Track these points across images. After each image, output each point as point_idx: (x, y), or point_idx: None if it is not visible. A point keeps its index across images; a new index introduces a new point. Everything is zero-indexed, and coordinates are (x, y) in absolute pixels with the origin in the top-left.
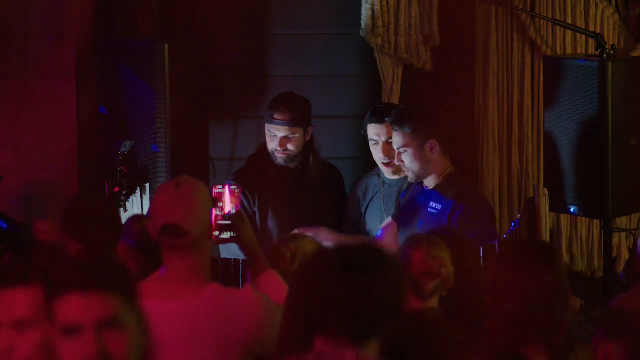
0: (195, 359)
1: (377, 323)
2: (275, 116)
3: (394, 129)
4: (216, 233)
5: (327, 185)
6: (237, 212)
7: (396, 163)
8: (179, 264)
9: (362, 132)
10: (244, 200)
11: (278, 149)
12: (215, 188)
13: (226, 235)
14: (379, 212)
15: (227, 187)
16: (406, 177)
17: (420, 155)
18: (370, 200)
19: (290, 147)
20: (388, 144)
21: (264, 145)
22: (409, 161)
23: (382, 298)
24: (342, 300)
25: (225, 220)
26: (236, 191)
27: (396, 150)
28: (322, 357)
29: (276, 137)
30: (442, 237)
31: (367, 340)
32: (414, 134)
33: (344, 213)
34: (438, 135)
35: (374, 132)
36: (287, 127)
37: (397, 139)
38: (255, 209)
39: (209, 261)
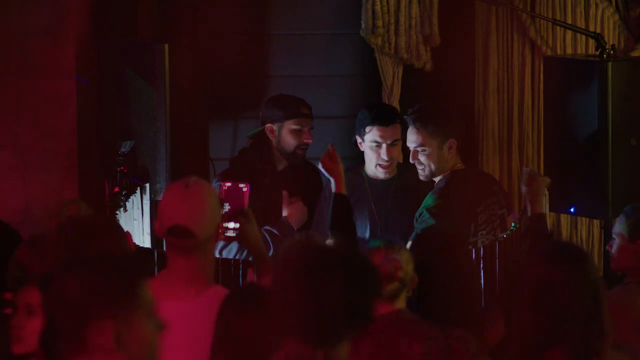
0: None
1: (342, 325)
2: (303, 110)
3: (415, 127)
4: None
5: (310, 182)
6: (244, 210)
7: (411, 161)
8: (182, 265)
9: (356, 136)
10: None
11: (309, 141)
12: (224, 185)
13: (231, 233)
14: (369, 214)
15: (237, 184)
16: (395, 176)
17: (438, 154)
18: (354, 203)
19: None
20: (391, 146)
21: (251, 149)
22: (425, 160)
23: (346, 300)
24: (304, 303)
25: (232, 217)
26: (244, 189)
27: (412, 149)
28: (291, 358)
29: (302, 131)
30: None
31: (337, 342)
32: (434, 133)
33: (318, 217)
34: (457, 134)
35: (379, 134)
36: (310, 120)
37: (416, 138)
38: None
39: (212, 263)
